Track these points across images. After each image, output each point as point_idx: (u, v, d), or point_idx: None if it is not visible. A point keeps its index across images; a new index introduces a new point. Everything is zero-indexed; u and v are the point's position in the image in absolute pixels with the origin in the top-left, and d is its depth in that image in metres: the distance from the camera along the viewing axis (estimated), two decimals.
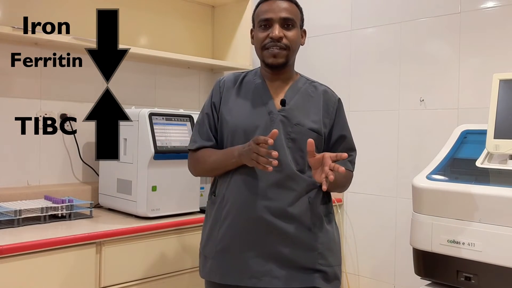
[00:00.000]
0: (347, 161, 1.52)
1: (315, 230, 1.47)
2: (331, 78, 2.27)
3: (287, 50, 1.47)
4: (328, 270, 1.46)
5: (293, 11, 1.48)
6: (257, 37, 1.50)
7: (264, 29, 1.47)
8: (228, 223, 1.46)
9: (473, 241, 1.59)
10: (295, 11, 1.49)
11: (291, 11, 1.47)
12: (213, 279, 1.50)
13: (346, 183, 1.57)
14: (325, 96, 1.54)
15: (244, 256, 1.44)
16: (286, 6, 1.47)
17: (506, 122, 1.71)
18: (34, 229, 1.75)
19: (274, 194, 1.43)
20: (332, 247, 1.50)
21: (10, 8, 2.09)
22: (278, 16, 1.45)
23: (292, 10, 1.48)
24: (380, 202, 2.45)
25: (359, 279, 2.55)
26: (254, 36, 1.53)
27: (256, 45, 1.52)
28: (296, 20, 1.49)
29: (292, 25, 1.47)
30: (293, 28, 1.48)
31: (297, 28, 1.49)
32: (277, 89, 1.53)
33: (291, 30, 1.47)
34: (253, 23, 1.55)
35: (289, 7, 1.47)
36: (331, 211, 1.56)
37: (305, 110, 1.50)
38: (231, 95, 1.54)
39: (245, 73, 1.59)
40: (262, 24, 1.48)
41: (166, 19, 2.69)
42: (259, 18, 1.49)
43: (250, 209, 1.43)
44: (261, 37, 1.48)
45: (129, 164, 2.03)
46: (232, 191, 1.47)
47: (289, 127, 1.46)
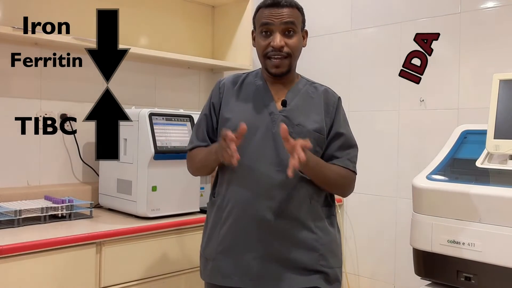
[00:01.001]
0: (346, 158, 1.50)
1: (317, 231, 1.46)
2: (331, 78, 2.27)
3: (289, 57, 1.46)
4: (329, 271, 1.46)
5: (294, 17, 1.46)
6: (259, 44, 1.49)
7: (265, 36, 1.46)
8: (229, 224, 1.46)
9: (473, 241, 1.59)
10: (296, 15, 1.47)
11: (292, 17, 1.45)
12: (214, 281, 1.49)
13: (345, 183, 1.52)
14: (325, 95, 1.54)
15: (245, 258, 1.43)
16: (287, 12, 1.44)
17: (506, 122, 1.71)
18: (34, 229, 1.75)
19: (276, 194, 1.42)
20: (333, 249, 1.50)
21: (10, 8, 2.09)
22: (279, 25, 1.44)
23: (293, 15, 1.46)
24: (380, 202, 2.45)
25: (359, 279, 2.55)
26: (256, 41, 1.51)
27: (258, 51, 1.51)
28: (297, 25, 1.47)
29: (293, 32, 1.46)
30: (294, 35, 1.46)
31: (298, 34, 1.48)
32: (278, 91, 1.52)
33: (293, 37, 1.46)
34: (254, 25, 1.53)
35: (290, 13, 1.45)
36: (334, 213, 1.55)
37: (306, 111, 1.50)
38: (232, 96, 1.54)
39: (245, 75, 1.59)
40: (263, 31, 1.46)
41: (166, 19, 2.69)
42: (260, 25, 1.47)
43: (252, 209, 1.43)
44: (263, 45, 1.47)
45: (129, 164, 2.03)
46: (233, 192, 1.47)
47: (290, 127, 1.45)
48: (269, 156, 1.44)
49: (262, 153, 1.44)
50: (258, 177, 1.43)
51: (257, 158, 1.44)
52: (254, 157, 1.44)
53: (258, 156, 1.44)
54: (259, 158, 1.44)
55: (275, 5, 1.45)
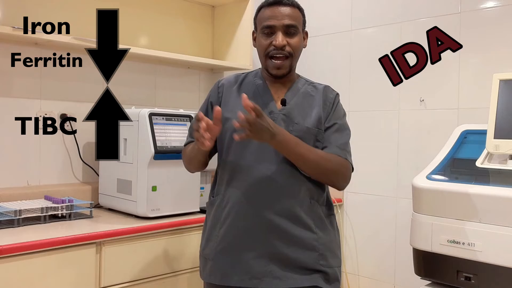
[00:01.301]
0: (334, 145, 1.46)
1: (317, 231, 1.46)
2: (331, 78, 2.27)
3: (290, 58, 1.47)
4: (329, 271, 1.46)
5: (296, 17, 1.47)
6: (260, 43, 1.49)
7: (267, 36, 1.46)
8: (229, 224, 1.46)
9: (473, 241, 1.59)
10: (297, 16, 1.48)
11: (294, 17, 1.46)
12: (213, 281, 1.49)
13: (333, 168, 1.45)
14: (324, 93, 1.54)
15: (244, 257, 1.43)
16: (289, 12, 1.45)
17: (506, 122, 1.71)
18: (34, 229, 1.75)
19: (275, 194, 1.43)
20: (333, 248, 1.50)
21: (10, 8, 2.09)
22: (281, 24, 1.44)
23: (295, 16, 1.47)
24: (380, 202, 2.45)
25: (359, 279, 2.55)
26: (257, 42, 1.52)
27: (259, 52, 1.52)
28: (298, 25, 1.48)
29: (295, 32, 1.47)
30: (296, 35, 1.47)
31: (299, 34, 1.49)
32: (277, 90, 1.53)
33: (294, 37, 1.47)
34: (255, 26, 1.54)
35: (292, 13, 1.46)
36: (333, 212, 1.55)
37: (305, 109, 1.50)
38: (231, 96, 1.54)
39: (244, 75, 1.59)
40: (265, 31, 1.47)
41: (166, 19, 2.69)
42: (262, 25, 1.48)
43: (251, 209, 1.43)
44: (264, 44, 1.47)
45: (129, 164, 2.03)
46: (233, 192, 1.47)
47: (290, 126, 1.46)
48: (268, 155, 1.44)
49: (261, 152, 1.44)
50: (258, 176, 1.43)
51: (256, 157, 1.44)
52: (253, 157, 1.45)
53: (257, 156, 1.45)
54: (258, 158, 1.44)
55: (277, 4, 1.46)
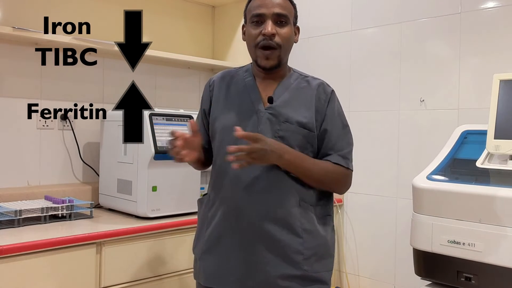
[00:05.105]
0: (337, 155, 1.43)
1: (304, 235, 1.39)
2: (331, 78, 2.25)
3: (280, 49, 1.42)
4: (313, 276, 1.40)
5: (287, 7, 1.44)
6: (249, 33, 1.44)
7: (256, 25, 1.42)
8: (215, 224, 1.43)
9: (473, 242, 1.59)
10: (288, 7, 1.44)
11: (284, 7, 1.43)
12: (199, 280, 1.48)
13: (335, 179, 1.44)
14: (318, 90, 1.48)
15: (227, 259, 1.40)
16: (280, 2, 1.42)
17: (506, 123, 1.71)
18: (34, 229, 1.76)
19: (262, 196, 1.38)
20: (320, 253, 1.42)
21: (10, 8, 2.09)
22: (271, 12, 1.40)
23: (286, 6, 1.43)
24: (380, 202, 2.45)
25: (359, 279, 2.55)
26: (246, 32, 1.48)
27: (248, 42, 1.47)
28: (289, 16, 1.44)
29: (285, 22, 1.43)
30: (286, 25, 1.43)
31: (290, 25, 1.45)
32: (266, 87, 1.48)
33: (284, 27, 1.42)
34: (245, 18, 1.50)
35: (283, 3, 1.43)
36: (329, 213, 1.48)
37: (295, 106, 1.44)
38: (221, 94, 1.51)
39: (235, 70, 1.55)
40: (254, 20, 1.42)
41: (166, 19, 2.69)
42: (251, 14, 1.44)
43: (237, 210, 1.39)
44: (254, 34, 1.42)
45: (129, 164, 2.03)
46: (219, 192, 1.44)
47: (276, 125, 1.41)
48: None
49: None
50: (243, 179, 1.39)
51: None
52: None
53: None
54: None
55: None
